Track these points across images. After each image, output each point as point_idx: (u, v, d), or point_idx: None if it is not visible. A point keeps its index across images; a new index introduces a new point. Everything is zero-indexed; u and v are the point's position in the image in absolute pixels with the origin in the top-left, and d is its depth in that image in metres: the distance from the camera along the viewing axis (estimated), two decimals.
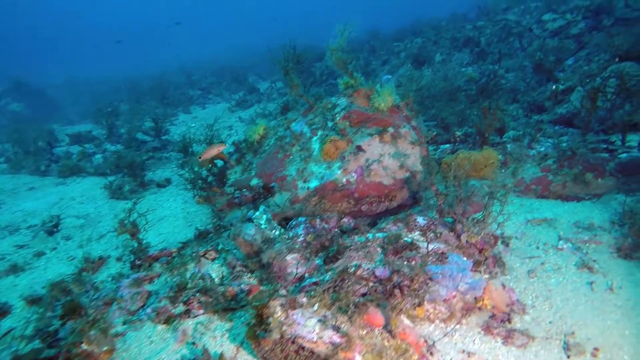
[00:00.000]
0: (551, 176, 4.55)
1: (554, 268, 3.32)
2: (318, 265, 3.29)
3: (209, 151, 4.48)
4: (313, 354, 2.29)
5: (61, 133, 13.02)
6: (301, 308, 2.55)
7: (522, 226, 4.02)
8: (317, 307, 2.53)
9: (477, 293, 2.70)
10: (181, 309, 3.27)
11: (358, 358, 2.23)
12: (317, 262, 3.33)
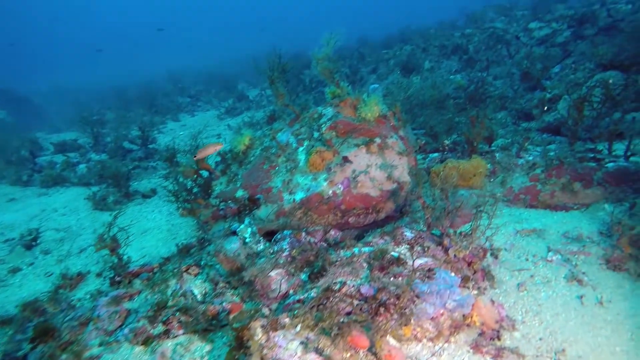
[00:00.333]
0: (540, 186, 4.52)
1: (544, 281, 3.26)
2: (303, 281, 3.19)
3: (205, 150, 4.36)
4: None
5: (46, 141, 12.75)
6: (283, 329, 2.44)
7: (511, 237, 3.97)
8: (300, 329, 2.43)
9: (466, 310, 2.62)
10: (160, 329, 3.13)
11: None
12: (302, 278, 3.22)
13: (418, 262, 2.92)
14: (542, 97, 6.90)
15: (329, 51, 4.28)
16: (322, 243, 3.71)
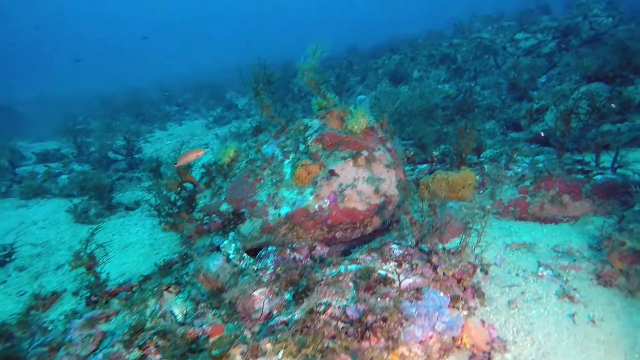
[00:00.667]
0: (529, 198, 4.48)
1: (535, 298, 3.18)
2: (287, 301, 3.06)
3: (187, 156, 4.19)
4: None
5: (28, 151, 12.43)
6: (264, 357, 2.31)
7: (502, 251, 3.90)
8: (282, 356, 2.29)
9: (455, 332, 2.51)
10: (136, 355, 2.95)
11: None
12: (287, 298, 3.09)
13: (406, 282, 2.82)
14: (530, 108, 6.94)
15: (315, 62, 4.21)
16: (308, 260, 3.59)
